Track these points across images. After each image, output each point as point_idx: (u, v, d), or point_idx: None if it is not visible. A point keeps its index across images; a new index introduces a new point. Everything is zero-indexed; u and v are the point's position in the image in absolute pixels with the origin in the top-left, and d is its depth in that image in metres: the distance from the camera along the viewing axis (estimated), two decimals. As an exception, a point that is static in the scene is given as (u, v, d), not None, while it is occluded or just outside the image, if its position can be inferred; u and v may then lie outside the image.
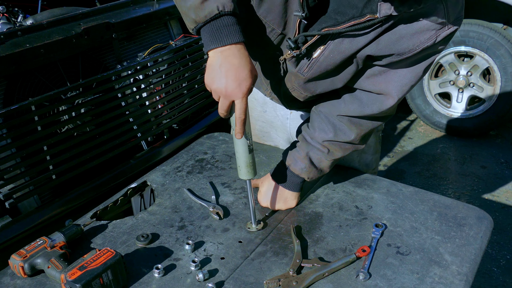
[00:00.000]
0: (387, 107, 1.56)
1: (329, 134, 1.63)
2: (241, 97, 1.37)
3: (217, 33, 1.35)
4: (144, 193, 1.93)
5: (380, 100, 1.55)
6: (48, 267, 1.40)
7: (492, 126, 4.47)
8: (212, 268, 1.47)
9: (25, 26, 2.26)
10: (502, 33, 4.19)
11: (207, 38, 1.36)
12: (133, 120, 2.51)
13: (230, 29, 1.35)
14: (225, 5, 1.34)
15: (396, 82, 1.50)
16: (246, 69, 1.37)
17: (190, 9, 1.37)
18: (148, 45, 2.69)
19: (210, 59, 1.38)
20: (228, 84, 1.36)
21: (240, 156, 1.51)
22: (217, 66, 1.36)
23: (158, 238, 1.59)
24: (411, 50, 1.40)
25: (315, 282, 1.42)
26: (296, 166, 1.68)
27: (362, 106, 1.57)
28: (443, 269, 1.47)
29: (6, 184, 2.02)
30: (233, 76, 1.35)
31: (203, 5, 1.34)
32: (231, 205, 1.75)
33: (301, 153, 1.67)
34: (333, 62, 1.47)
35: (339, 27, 1.36)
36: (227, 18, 1.35)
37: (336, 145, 1.65)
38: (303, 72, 1.53)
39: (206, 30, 1.36)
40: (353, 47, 1.42)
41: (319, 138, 1.65)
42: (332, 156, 1.67)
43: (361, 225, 1.66)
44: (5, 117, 2.01)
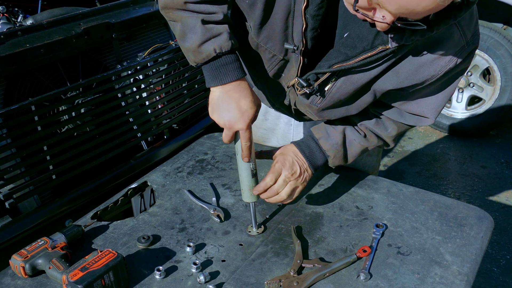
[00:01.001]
0: (425, 124, 1.56)
1: (371, 121, 1.59)
2: (244, 128, 1.41)
3: (216, 71, 1.39)
4: (144, 194, 1.93)
5: (418, 118, 1.54)
6: (49, 267, 1.40)
7: (492, 126, 4.47)
8: (213, 270, 1.47)
9: (25, 26, 2.26)
10: (502, 33, 4.19)
11: (208, 76, 1.41)
12: (133, 120, 2.51)
13: (229, 67, 1.38)
14: (222, 46, 1.37)
15: (429, 105, 1.49)
16: (247, 100, 1.40)
17: (189, 51, 1.41)
18: (148, 45, 2.69)
19: (212, 93, 1.42)
20: (230, 116, 1.40)
21: (243, 180, 1.56)
22: (218, 101, 1.40)
23: (159, 240, 1.59)
24: (434, 76, 1.37)
25: (316, 283, 1.42)
26: (328, 141, 1.59)
27: (401, 116, 1.56)
28: (443, 269, 1.47)
29: (6, 184, 2.02)
30: (234, 108, 1.39)
31: (200, 48, 1.37)
32: (232, 207, 1.75)
33: (338, 128, 1.60)
34: (346, 92, 1.45)
35: (351, 62, 1.33)
36: (225, 57, 1.38)
37: (373, 132, 1.62)
38: (315, 104, 1.52)
39: (206, 69, 1.40)
40: (365, 77, 1.40)
41: (358, 121, 1.61)
42: (366, 142, 1.62)
43: (362, 225, 1.66)
44: (5, 117, 2.00)
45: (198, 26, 1.36)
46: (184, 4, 1.37)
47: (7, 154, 2.03)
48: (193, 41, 1.38)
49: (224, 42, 1.37)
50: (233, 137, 1.46)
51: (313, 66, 1.45)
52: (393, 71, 1.39)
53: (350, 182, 1.87)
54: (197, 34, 1.37)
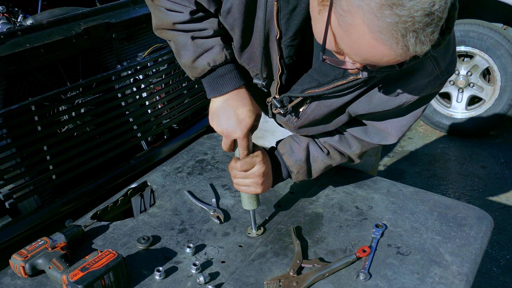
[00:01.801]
0: (387, 143, 1.56)
1: (334, 138, 1.61)
2: (241, 136, 1.44)
3: (214, 83, 1.42)
4: (144, 194, 1.93)
5: (383, 134, 1.55)
6: (49, 267, 1.40)
7: (492, 126, 4.46)
8: (213, 271, 1.47)
9: (25, 26, 2.26)
10: (502, 33, 4.18)
11: (207, 88, 1.45)
12: (133, 120, 2.51)
13: (226, 77, 1.41)
14: (216, 59, 1.39)
15: (395, 123, 1.50)
16: (245, 109, 1.43)
17: (185, 67, 1.45)
18: (148, 45, 2.69)
19: (211, 103, 1.46)
20: (228, 125, 1.43)
21: None
22: (218, 110, 1.44)
23: (159, 241, 1.59)
24: (406, 102, 1.39)
25: (316, 283, 1.43)
26: (291, 157, 1.61)
27: (366, 134, 1.57)
28: (443, 269, 1.47)
29: (6, 184, 2.02)
30: (232, 117, 1.42)
31: (194, 63, 1.41)
32: (232, 208, 1.75)
33: (302, 144, 1.62)
34: (321, 114, 1.47)
35: (322, 89, 1.36)
36: (221, 69, 1.41)
37: (336, 150, 1.63)
38: (292, 122, 1.54)
39: (204, 82, 1.45)
40: (339, 101, 1.42)
41: (321, 139, 1.63)
42: (330, 159, 1.64)
43: (362, 225, 1.66)
44: (5, 117, 2.00)
45: (189, 43, 1.40)
46: (173, 25, 1.41)
47: (7, 154, 2.03)
48: (187, 58, 1.42)
49: (217, 55, 1.40)
50: (232, 145, 1.48)
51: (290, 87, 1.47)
52: (366, 96, 1.41)
53: (350, 182, 1.87)
54: (189, 51, 1.41)
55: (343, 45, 1.07)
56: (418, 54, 1.00)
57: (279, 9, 1.25)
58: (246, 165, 1.50)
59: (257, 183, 1.54)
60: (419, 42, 0.97)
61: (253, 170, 1.52)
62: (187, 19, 1.39)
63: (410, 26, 0.94)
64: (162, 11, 1.41)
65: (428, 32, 0.96)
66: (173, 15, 1.39)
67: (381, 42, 0.98)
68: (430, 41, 0.98)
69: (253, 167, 1.52)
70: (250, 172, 1.52)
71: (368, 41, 0.99)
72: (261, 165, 1.53)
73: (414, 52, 0.99)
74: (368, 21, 0.95)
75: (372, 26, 0.96)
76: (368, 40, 0.99)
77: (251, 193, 1.57)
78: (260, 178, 1.53)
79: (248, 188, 1.55)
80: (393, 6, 0.91)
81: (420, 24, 0.94)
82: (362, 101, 1.41)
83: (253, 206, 1.60)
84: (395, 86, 1.35)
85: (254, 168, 1.52)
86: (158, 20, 1.44)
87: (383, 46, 0.98)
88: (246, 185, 1.55)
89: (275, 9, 1.25)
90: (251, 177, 1.53)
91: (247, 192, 1.57)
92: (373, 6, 0.93)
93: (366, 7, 0.94)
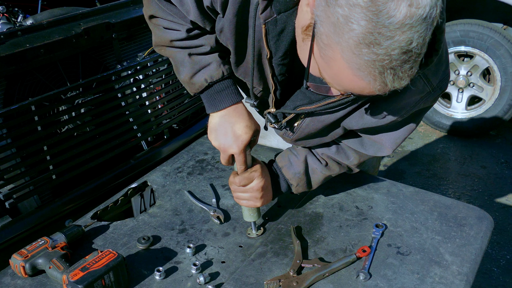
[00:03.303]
0: (382, 155, 1.58)
1: (331, 149, 1.62)
2: (238, 152, 1.46)
3: (212, 99, 1.45)
4: (144, 194, 1.93)
5: (377, 146, 1.55)
6: (50, 267, 1.40)
7: (492, 126, 4.46)
8: (213, 271, 1.47)
9: (25, 26, 2.26)
10: (502, 33, 4.18)
11: (206, 104, 1.47)
12: (133, 120, 2.50)
13: (223, 94, 1.44)
14: (213, 75, 1.42)
15: (390, 135, 1.51)
16: (242, 125, 1.45)
17: (184, 83, 1.48)
18: (148, 45, 2.68)
19: (210, 119, 1.48)
20: (225, 141, 1.45)
21: None
22: (216, 125, 1.46)
23: (159, 241, 1.59)
24: (398, 118, 1.40)
25: (316, 283, 1.43)
26: (290, 170, 1.62)
27: (361, 145, 1.58)
28: (443, 269, 1.47)
29: (6, 184, 2.02)
30: (229, 133, 1.44)
31: (192, 80, 1.44)
32: (232, 208, 1.75)
33: (300, 157, 1.63)
34: (315, 128, 1.49)
35: (313, 106, 1.37)
36: (218, 85, 1.43)
37: (334, 161, 1.64)
38: (288, 136, 1.56)
39: (203, 97, 1.47)
40: (332, 117, 1.43)
41: (319, 150, 1.63)
42: (328, 171, 1.64)
43: (362, 225, 1.66)
44: (5, 117, 2.00)
45: (187, 60, 1.43)
46: (170, 42, 1.45)
47: (7, 154, 2.03)
48: (185, 74, 1.45)
49: (214, 71, 1.42)
50: (230, 159, 1.50)
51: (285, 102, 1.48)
52: (358, 112, 1.42)
53: (350, 182, 1.87)
54: (187, 67, 1.44)
55: (326, 75, 1.10)
56: (397, 88, 1.02)
57: (267, 31, 1.27)
58: (244, 180, 1.52)
59: (256, 197, 1.55)
60: (397, 78, 0.99)
61: (251, 185, 1.53)
62: (183, 36, 1.42)
63: (388, 64, 0.95)
64: (160, 29, 1.45)
65: (406, 69, 0.98)
66: (170, 33, 1.44)
67: (360, 77, 1.00)
68: (409, 76, 1.00)
69: (252, 182, 1.53)
70: (248, 186, 1.54)
71: (347, 75, 1.01)
72: (260, 180, 1.54)
73: (393, 87, 1.01)
74: (346, 57, 0.97)
75: (350, 62, 0.98)
76: (348, 75, 1.01)
77: (250, 207, 1.58)
78: (259, 192, 1.54)
79: (248, 202, 1.57)
80: (370, 45, 0.93)
81: (398, 61, 0.95)
82: (355, 117, 1.43)
83: (254, 218, 1.61)
84: (387, 103, 1.35)
85: (253, 183, 1.53)
86: (157, 37, 1.49)
87: (362, 81, 1.00)
88: (245, 199, 1.56)
89: (263, 32, 1.27)
90: (250, 191, 1.54)
91: (247, 206, 1.58)
92: (351, 43, 0.95)
93: (344, 44, 0.96)
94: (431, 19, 0.93)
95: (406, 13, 0.90)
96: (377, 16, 0.91)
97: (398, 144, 1.53)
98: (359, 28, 0.92)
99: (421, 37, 0.93)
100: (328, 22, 0.97)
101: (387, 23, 0.91)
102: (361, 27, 0.92)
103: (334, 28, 0.96)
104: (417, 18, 0.91)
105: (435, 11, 0.93)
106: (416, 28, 0.92)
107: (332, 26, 0.96)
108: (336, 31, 0.96)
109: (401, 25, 0.91)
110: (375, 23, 0.91)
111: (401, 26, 0.91)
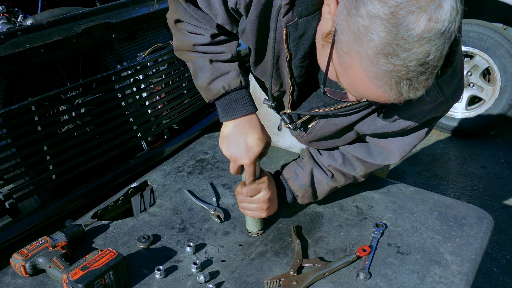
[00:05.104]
0: (390, 163, 1.58)
1: (338, 161, 1.62)
2: (248, 163, 1.47)
3: (227, 108, 1.45)
4: (144, 193, 1.93)
5: (386, 154, 1.56)
6: (50, 266, 1.40)
7: (492, 126, 4.46)
8: (213, 270, 1.47)
9: (25, 26, 2.26)
10: (502, 33, 4.19)
11: (220, 111, 1.48)
12: (133, 120, 2.51)
13: (239, 103, 1.45)
14: (231, 83, 1.44)
15: (398, 142, 1.52)
16: (255, 136, 1.45)
17: (200, 89, 1.50)
18: (148, 45, 2.69)
19: (223, 128, 1.49)
20: (237, 151, 1.46)
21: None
22: (228, 135, 1.47)
23: (159, 240, 1.59)
24: (410, 125, 1.42)
25: (316, 282, 1.43)
26: (296, 182, 1.63)
27: (369, 154, 1.59)
28: (443, 269, 1.47)
29: (6, 184, 2.02)
30: (241, 143, 1.45)
31: (210, 86, 1.45)
32: (232, 207, 1.75)
33: (305, 168, 1.63)
34: (329, 131, 1.51)
35: (328, 109, 1.39)
36: (235, 94, 1.45)
37: (341, 172, 1.64)
38: (302, 137, 1.58)
39: (218, 105, 1.48)
40: (345, 120, 1.45)
41: (325, 162, 1.64)
42: (334, 182, 1.64)
43: (362, 224, 1.66)
44: (5, 117, 2.01)
45: (207, 65, 1.45)
46: (193, 47, 1.47)
47: (7, 154, 2.03)
48: (203, 80, 1.46)
49: (233, 80, 1.44)
50: (239, 169, 1.51)
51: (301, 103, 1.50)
52: (371, 118, 1.44)
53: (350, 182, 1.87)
54: (206, 73, 1.45)
55: (343, 81, 1.13)
56: (412, 98, 1.05)
57: (288, 34, 1.29)
58: (252, 191, 1.52)
59: (262, 208, 1.56)
60: (413, 89, 1.01)
61: (258, 196, 1.54)
62: (207, 41, 1.45)
63: (404, 74, 0.98)
64: (184, 33, 1.48)
65: (422, 80, 1.00)
66: (194, 37, 1.46)
67: (376, 86, 1.02)
68: (424, 87, 1.02)
69: (259, 193, 1.54)
70: (255, 198, 1.54)
71: (364, 83, 1.04)
72: (267, 191, 1.54)
73: (408, 97, 1.04)
74: (364, 66, 1.00)
75: (368, 71, 1.01)
76: (365, 83, 1.04)
77: (255, 217, 1.59)
78: (265, 203, 1.55)
79: (254, 212, 1.57)
80: (388, 55, 0.96)
81: (414, 73, 0.98)
82: (367, 122, 1.45)
83: (257, 228, 1.62)
84: (400, 110, 1.37)
85: (260, 194, 1.54)
86: (179, 42, 1.51)
87: (378, 90, 1.03)
88: (251, 209, 1.57)
89: (284, 35, 1.29)
90: (256, 202, 1.55)
91: (252, 216, 1.59)
92: (370, 53, 0.97)
93: (363, 53, 0.98)
94: (449, 34, 0.95)
95: (425, 27, 0.92)
96: (397, 29, 0.93)
97: (407, 152, 1.54)
98: (378, 39, 0.95)
99: (438, 51, 0.96)
100: (349, 31, 1.00)
101: (406, 35, 0.93)
102: (380, 38, 0.95)
103: (354, 37, 0.99)
104: (436, 32, 0.93)
105: (453, 25, 0.95)
106: (434, 41, 0.94)
107: (352, 35, 0.99)
108: (356, 40, 0.99)
109: (419, 38, 0.93)
110: (394, 35, 0.93)
111: (420, 39, 0.93)
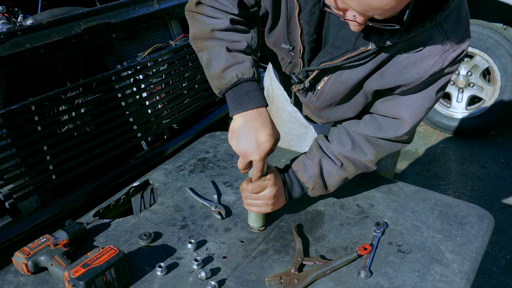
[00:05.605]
0: (402, 133, 1.55)
1: (347, 146, 1.61)
2: (258, 159, 1.46)
3: (239, 99, 1.44)
4: (144, 193, 1.93)
5: (396, 124, 1.55)
6: (52, 264, 1.40)
7: (492, 126, 4.47)
8: (215, 267, 1.47)
9: (25, 26, 2.26)
10: (502, 33, 4.19)
11: (231, 104, 1.46)
12: (133, 120, 2.51)
13: (251, 95, 1.44)
14: (244, 72, 1.44)
15: (409, 106, 1.50)
16: (266, 132, 1.44)
17: (213, 78, 1.49)
18: (148, 45, 2.69)
19: (233, 122, 1.47)
20: (247, 146, 1.44)
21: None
22: (239, 129, 1.45)
23: (161, 237, 1.59)
24: (418, 78, 1.41)
25: (317, 280, 1.43)
26: (305, 173, 1.61)
27: (379, 129, 1.58)
28: (444, 267, 1.47)
29: (6, 184, 2.02)
30: (252, 139, 1.43)
31: (223, 73, 1.45)
32: (233, 204, 1.75)
33: (314, 159, 1.61)
34: (338, 92, 1.52)
35: (336, 61, 1.42)
36: (247, 85, 1.44)
37: (350, 160, 1.62)
38: (312, 102, 1.59)
39: (229, 96, 1.46)
40: (353, 77, 1.46)
41: (335, 150, 1.62)
42: (344, 171, 1.63)
43: (363, 223, 1.66)
44: (5, 117, 2.00)
45: (223, 53, 1.46)
46: (211, 32, 1.48)
47: (7, 154, 2.03)
48: (218, 67, 1.46)
49: (247, 69, 1.44)
50: (248, 165, 1.50)
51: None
52: (379, 73, 1.45)
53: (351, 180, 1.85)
54: (222, 60, 1.45)
55: None
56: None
57: None
58: (258, 188, 1.52)
59: (267, 204, 1.56)
60: None
61: (264, 193, 1.54)
62: (225, 26, 1.47)
63: None
64: (202, 19, 1.50)
65: None
66: (213, 21, 1.48)
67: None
68: None
69: (264, 190, 1.54)
70: (261, 194, 1.54)
71: None
72: (272, 188, 1.54)
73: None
74: None
75: None
76: None
77: (260, 213, 1.59)
78: (270, 200, 1.55)
79: (259, 208, 1.57)
80: None
81: None
82: (375, 77, 1.46)
83: (259, 224, 1.62)
84: (405, 59, 1.38)
85: (265, 191, 1.54)
86: (197, 29, 1.52)
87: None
88: (256, 205, 1.57)
89: None
90: (261, 199, 1.55)
91: (256, 212, 1.59)
92: None
93: None
94: None
95: None
96: None
97: (419, 118, 1.52)
98: None
99: None
100: None
101: None
102: None
103: None
104: None
105: None
106: None
107: None
108: None
109: None
110: None
111: None
